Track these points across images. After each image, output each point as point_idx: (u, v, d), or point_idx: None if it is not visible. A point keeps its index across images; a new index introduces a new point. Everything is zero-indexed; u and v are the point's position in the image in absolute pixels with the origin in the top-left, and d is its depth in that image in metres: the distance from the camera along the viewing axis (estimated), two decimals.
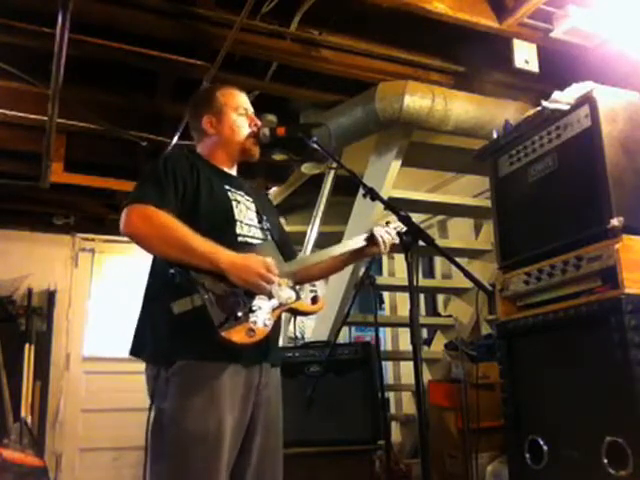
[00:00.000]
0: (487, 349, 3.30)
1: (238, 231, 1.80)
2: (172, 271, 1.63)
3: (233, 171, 1.99)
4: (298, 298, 1.83)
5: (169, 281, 1.63)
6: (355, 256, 2.00)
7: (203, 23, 3.01)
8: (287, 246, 2.04)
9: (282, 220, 2.31)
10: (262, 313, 1.68)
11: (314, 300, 1.90)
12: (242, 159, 2.00)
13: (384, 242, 1.92)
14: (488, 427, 3.02)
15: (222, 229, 1.76)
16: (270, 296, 1.72)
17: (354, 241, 1.96)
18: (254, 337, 1.63)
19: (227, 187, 1.87)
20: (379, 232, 1.93)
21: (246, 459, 1.73)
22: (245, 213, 1.87)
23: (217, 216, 1.79)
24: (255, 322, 1.65)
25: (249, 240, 1.82)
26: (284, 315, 1.88)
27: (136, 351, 1.77)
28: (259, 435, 1.76)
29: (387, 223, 1.96)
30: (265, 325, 1.68)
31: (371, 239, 1.94)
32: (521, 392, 2.49)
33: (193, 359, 1.65)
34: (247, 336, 1.62)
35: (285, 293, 1.78)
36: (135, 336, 1.79)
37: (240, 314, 1.62)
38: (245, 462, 1.73)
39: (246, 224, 1.85)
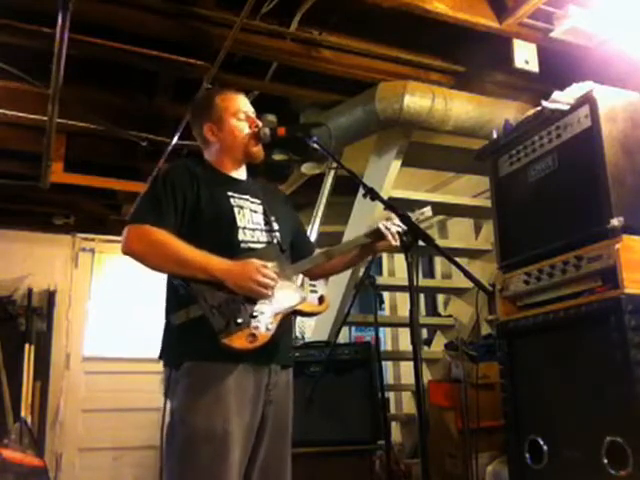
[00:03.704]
0: (487, 349, 3.29)
1: (240, 238, 1.81)
2: (175, 283, 1.73)
3: (241, 175, 1.99)
4: (303, 299, 1.83)
5: (174, 292, 1.74)
6: (365, 252, 2.01)
7: (203, 23, 3.01)
8: (303, 243, 2.05)
9: None
10: (264, 318, 1.69)
11: (320, 300, 1.90)
12: (247, 161, 2.00)
13: (391, 233, 1.87)
14: (488, 427, 3.02)
15: (224, 237, 1.79)
16: (272, 300, 1.73)
17: (364, 236, 1.94)
18: (255, 342, 1.65)
19: (230, 193, 1.87)
20: (384, 224, 1.90)
21: (254, 457, 1.75)
22: (249, 218, 1.87)
23: (219, 224, 1.81)
24: (257, 327, 1.67)
25: (252, 245, 1.83)
26: None
27: (159, 355, 1.83)
28: (267, 434, 1.77)
29: (387, 219, 1.94)
30: (267, 329, 1.69)
31: (377, 233, 1.90)
32: (521, 392, 2.49)
33: (200, 360, 1.69)
34: (248, 342, 1.64)
35: (289, 295, 1.78)
36: (161, 341, 1.85)
37: (240, 320, 1.65)
38: (253, 460, 1.74)
39: (250, 229, 1.85)
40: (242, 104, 2.00)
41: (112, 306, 5.79)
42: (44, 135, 3.63)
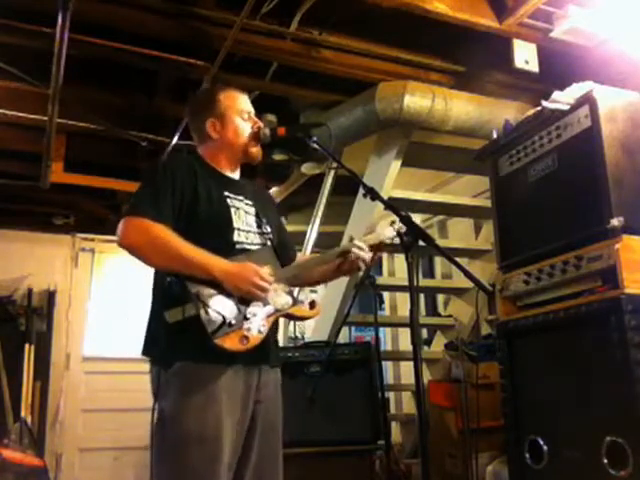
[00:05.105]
0: (487, 349, 3.29)
1: (235, 239, 1.81)
2: (169, 280, 1.68)
3: (236, 174, 1.99)
4: (295, 303, 1.82)
5: (166, 289, 1.68)
6: (340, 271, 1.96)
7: (203, 23, 3.01)
8: (287, 248, 2.04)
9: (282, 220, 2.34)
10: (257, 320, 1.69)
11: (312, 305, 1.90)
12: (245, 161, 1.99)
13: (361, 258, 1.90)
14: (488, 427, 3.02)
15: (220, 237, 1.78)
16: (265, 302, 1.73)
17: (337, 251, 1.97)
18: (247, 344, 1.65)
19: (226, 193, 1.87)
20: (355, 251, 1.92)
21: (246, 458, 1.74)
22: (244, 219, 1.87)
23: (215, 224, 1.80)
24: (249, 329, 1.67)
25: (247, 247, 1.82)
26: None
27: (144, 351, 1.81)
28: (259, 434, 1.76)
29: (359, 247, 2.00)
30: (260, 332, 1.69)
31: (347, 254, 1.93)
32: (521, 392, 2.49)
33: (191, 361, 1.67)
34: (240, 343, 1.63)
35: (281, 299, 1.78)
36: (145, 337, 1.83)
37: (234, 321, 1.64)
38: (245, 461, 1.74)
39: (244, 231, 1.85)
40: (245, 103, 1.99)
41: (112, 306, 5.79)
42: (44, 135, 3.63)
